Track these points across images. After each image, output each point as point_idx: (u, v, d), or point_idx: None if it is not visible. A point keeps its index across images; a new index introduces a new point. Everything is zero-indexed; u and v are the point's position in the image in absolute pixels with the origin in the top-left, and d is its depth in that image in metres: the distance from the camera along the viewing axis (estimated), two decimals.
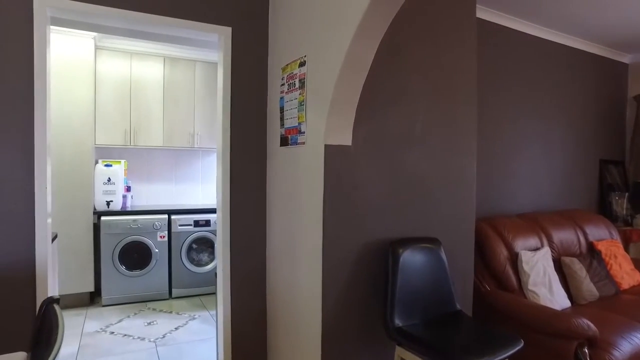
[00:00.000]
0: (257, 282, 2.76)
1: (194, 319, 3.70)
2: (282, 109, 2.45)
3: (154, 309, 3.87)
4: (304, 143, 2.22)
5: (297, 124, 2.28)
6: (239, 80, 2.64)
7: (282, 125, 2.46)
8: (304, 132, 2.21)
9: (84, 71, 3.74)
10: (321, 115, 2.05)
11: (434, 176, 2.42)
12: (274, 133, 2.61)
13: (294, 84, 2.30)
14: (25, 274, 1.98)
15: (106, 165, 3.97)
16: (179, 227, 4.14)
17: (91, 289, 3.82)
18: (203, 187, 4.86)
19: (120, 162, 4.20)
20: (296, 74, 2.28)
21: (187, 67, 4.46)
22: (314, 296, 2.12)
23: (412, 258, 2.21)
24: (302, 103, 2.21)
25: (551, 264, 3.02)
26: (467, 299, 2.58)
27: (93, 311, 3.75)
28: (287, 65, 2.40)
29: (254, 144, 2.70)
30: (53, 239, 2.56)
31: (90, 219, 3.80)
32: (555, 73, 3.91)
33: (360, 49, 1.92)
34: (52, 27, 3.56)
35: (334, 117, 2.02)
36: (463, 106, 2.53)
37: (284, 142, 2.43)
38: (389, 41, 2.23)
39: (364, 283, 2.19)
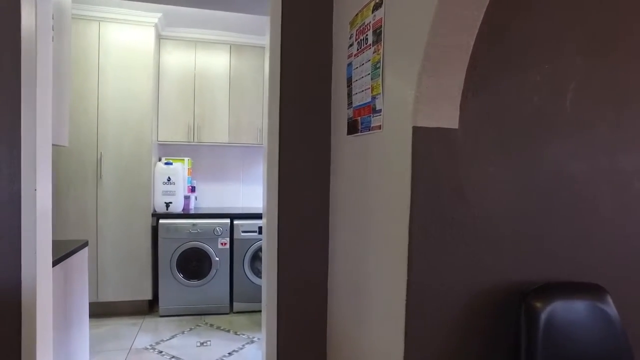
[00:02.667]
0: (314, 320, 2.01)
1: (252, 342, 3.08)
2: (349, 81, 1.67)
3: (211, 325, 3.35)
4: (379, 127, 1.40)
5: (369, 99, 1.47)
6: (293, 48, 1.91)
7: (349, 103, 1.67)
8: (379, 111, 1.40)
9: (144, 62, 3.34)
10: (408, 78, 1.22)
11: (594, 183, 1.43)
12: (340, 117, 1.83)
13: (366, 39, 1.50)
14: (5, 303, 1.47)
15: (166, 164, 3.55)
16: (242, 234, 3.58)
17: (149, 297, 3.42)
18: None
19: (183, 160, 3.77)
20: (369, 23, 1.47)
21: (254, 55, 3.89)
22: None
23: (561, 318, 1.26)
24: (378, 65, 1.40)
25: None
26: None
27: (149, 322, 3.34)
28: (356, 15, 1.60)
29: (313, 134, 1.96)
30: (78, 249, 2.09)
31: (149, 221, 3.40)
32: None
33: None
34: (108, 15, 3.21)
35: (430, 78, 1.17)
36: None
37: (353, 128, 1.64)
38: None
39: (475, 358, 1.30)
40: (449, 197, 1.25)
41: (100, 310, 3.32)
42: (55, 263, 1.80)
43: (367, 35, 1.48)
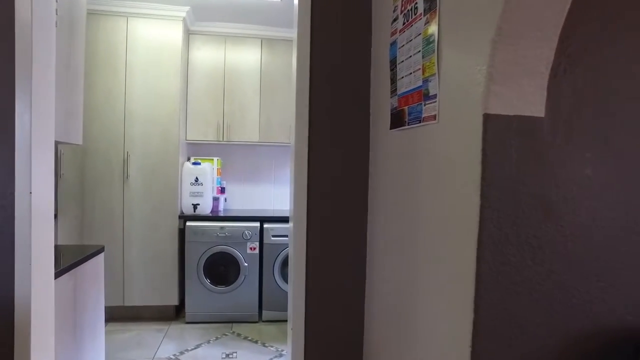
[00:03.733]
0: (348, 343, 1.71)
1: (280, 355, 2.83)
2: (393, 63, 1.36)
3: (238, 335, 3.12)
4: (434, 118, 1.09)
5: (420, 83, 1.15)
6: (324, 30, 1.63)
7: (393, 91, 1.36)
8: (434, 97, 1.08)
9: (172, 59, 3.17)
10: (477, 50, 0.90)
11: None
12: (381, 108, 1.53)
13: (415, 8, 1.18)
14: None
15: (194, 164, 3.37)
16: (272, 238, 3.33)
17: (175, 302, 3.25)
18: None
19: (212, 160, 3.58)
20: None
21: (286, 49, 3.65)
22: None
23: None
24: (432, 38, 1.08)
25: None
26: None
27: (175, 329, 3.16)
28: None
29: (348, 130, 1.66)
30: (92, 255, 1.91)
31: (176, 223, 3.23)
32: None
33: None
34: (136, 10, 3.06)
35: (509, 48, 0.85)
36: None
37: (397, 120, 1.33)
38: None
39: None
40: (532, 210, 0.92)
41: (126, 315, 3.19)
42: (62, 272, 1.62)
43: (416, 3, 1.17)
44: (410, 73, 1.21)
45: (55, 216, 3.08)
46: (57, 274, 1.57)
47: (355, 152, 1.67)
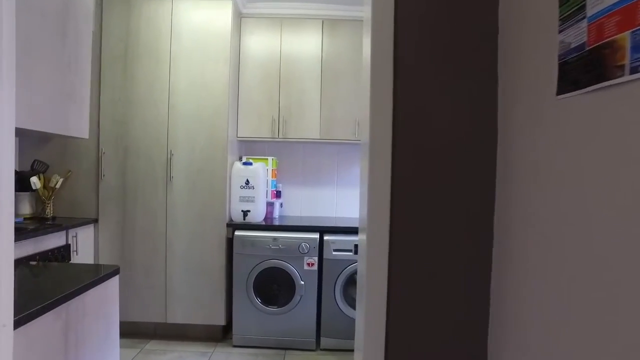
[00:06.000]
0: None
1: None
2: None
3: None
4: None
5: None
6: None
7: (570, 14, 0.66)
8: None
9: (221, 45, 2.70)
10: None
11: None
12: (527, 63, 0.82)
13: None
14: None
15: (245, 164, 2.86)
16: (334, 253, 2.72)
17: (222, 322, 2.77)
18: None
19: (266, 159, 3.06)
20: None
21: (351, 31, 3.01)
22: None
23: None
24: None
25: None
26: None
27: (220, 353, 2.67)
28: None
29: (458, 108, 0.98)
30: (95, 283, 1.43)
31: (223, 232, 2.74)
32: None
33: None
34: None
35: None
36: None
37: (586, 72, 0.63)
38: None
39: None
40: None
41: (169, 333, 2.77)
42: (40, 312, 1.13)
43: None
44: None
45: (96, 221, 2.75)
46: (31, 316, 1.09)
47: (471, 139, 0.99)
